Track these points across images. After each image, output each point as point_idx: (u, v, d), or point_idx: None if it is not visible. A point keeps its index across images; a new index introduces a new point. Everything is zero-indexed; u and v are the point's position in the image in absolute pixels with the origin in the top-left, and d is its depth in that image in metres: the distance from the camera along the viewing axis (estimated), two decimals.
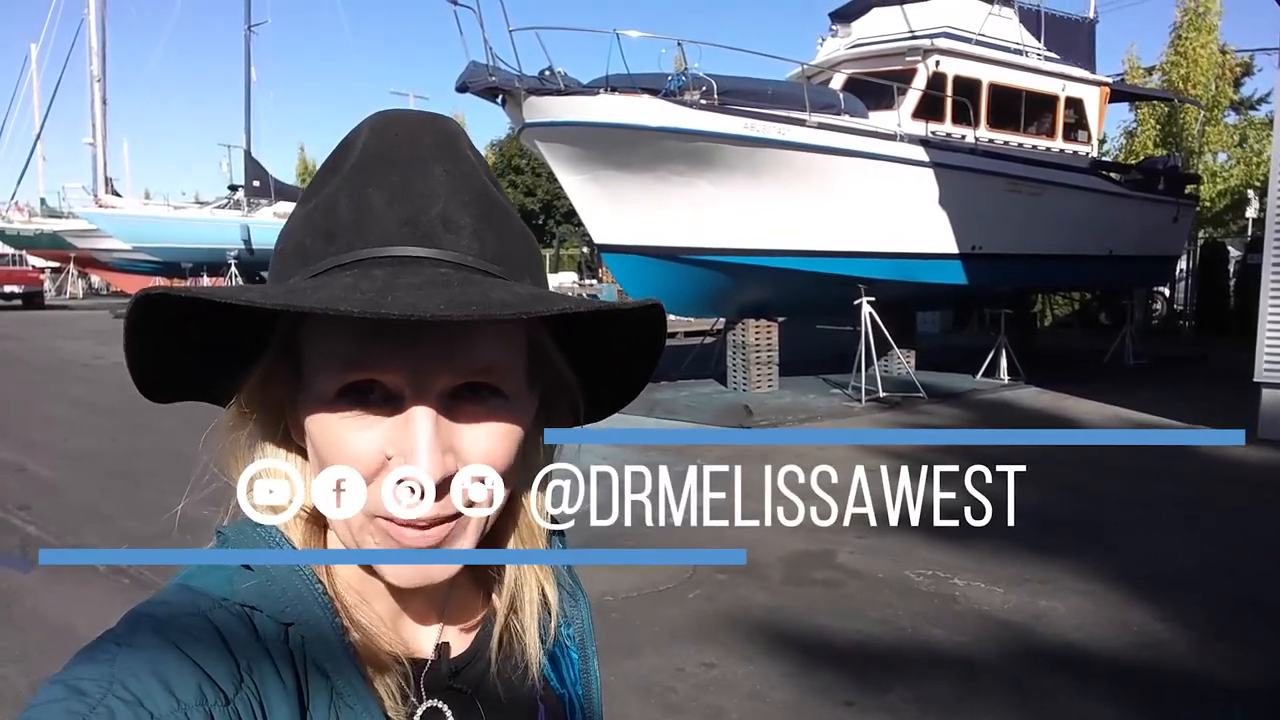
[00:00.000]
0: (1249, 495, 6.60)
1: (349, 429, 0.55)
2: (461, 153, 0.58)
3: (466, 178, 0.58)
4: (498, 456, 0.57)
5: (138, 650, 0.49)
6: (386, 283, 0.51)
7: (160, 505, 6.18)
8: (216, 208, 33.22)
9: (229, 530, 0.60)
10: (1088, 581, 4.73)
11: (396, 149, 0.57)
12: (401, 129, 0.58)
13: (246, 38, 33.70)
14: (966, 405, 10.91)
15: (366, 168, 0.56)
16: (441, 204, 0.56)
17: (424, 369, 0.54)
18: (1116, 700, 3.48)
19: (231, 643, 0.52)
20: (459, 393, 0.56)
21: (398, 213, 0.55)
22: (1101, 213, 13.98)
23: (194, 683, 0.49)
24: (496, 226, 0.58)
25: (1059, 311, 22.97)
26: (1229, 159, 22.40)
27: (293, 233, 0.58)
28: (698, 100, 10.11)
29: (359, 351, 0.54)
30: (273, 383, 0.60)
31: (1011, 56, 13.40)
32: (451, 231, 0.55)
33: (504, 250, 0.58)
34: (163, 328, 0.55)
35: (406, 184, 0.56)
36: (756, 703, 3.48)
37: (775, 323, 11.97)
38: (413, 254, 0.54)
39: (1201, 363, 15.00)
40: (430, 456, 0.53)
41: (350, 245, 0.55)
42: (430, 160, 0.57)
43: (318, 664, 0.55)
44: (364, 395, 0.55)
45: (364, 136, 0.58)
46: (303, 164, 48.39)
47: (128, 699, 0.46)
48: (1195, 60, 21.27)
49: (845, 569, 5.01)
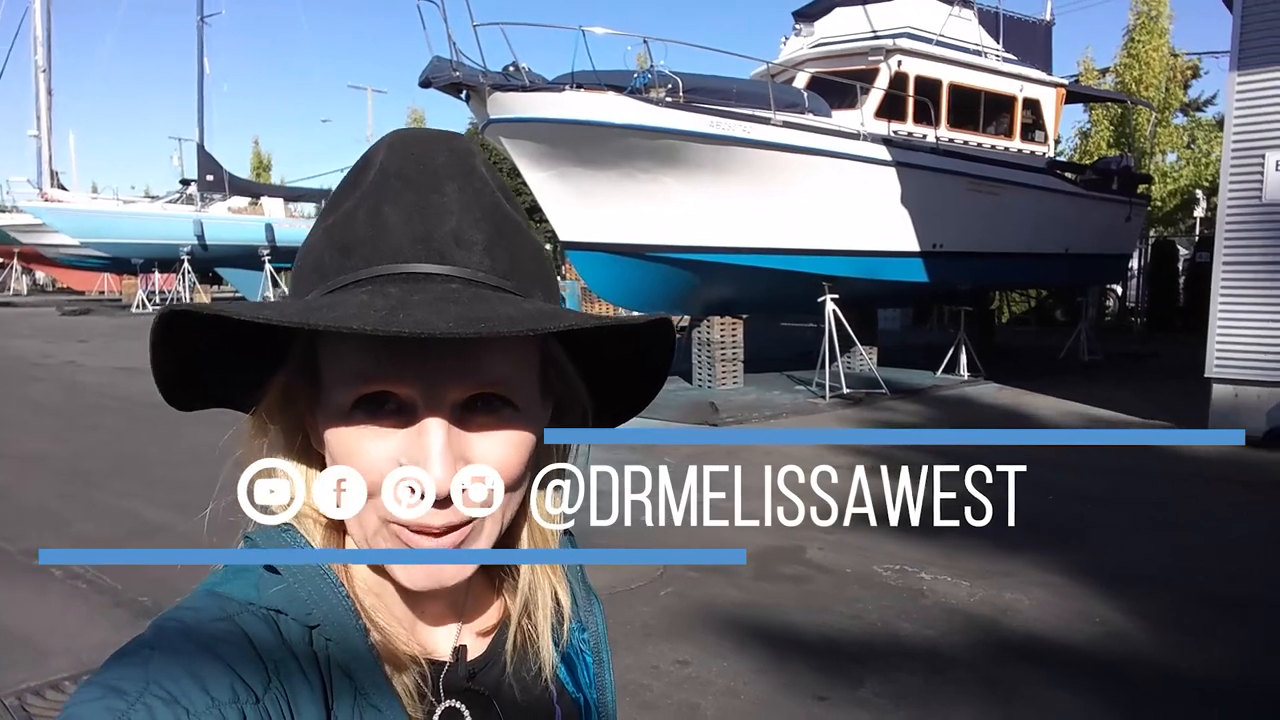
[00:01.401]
0: (1206, 490, 6.77)
1: (364, 439, 0.57)
2: (474, 170, 0.60)
3: (479, 194, 0.59)
4: (509, 465, 0.59)
5: (171, 652, 0.52)
6: (400, 300, 0.53)
7: (116, 509, 6.07)
8: (168, 202, 32.44)
9: (256, 535, 0.61)
10: (1052, 575, 4.81)
11: (412, 167, 0.59)
12: (417, 148, 0.60)
13: (199, 29, 33.04)
14: (928, 401, 11.07)
15: (383, 185, 0.58)
16: (454, 221, 0.57)
17: (436, 382, 0.56)
18: (1081, 689, 3.55)
19: (259, 645, 0.54)
20: (471, 403, 0.58)
21: (412, 230, 0.57)
22: (1058, 212, 14.27)
23: (227, 681, 0.51)
24: (507, 242, 0.60)
25: (1016, 309, 23.39)
26: (1178, 159, 22.99)
27: (311, 249, 0.60)
28: (664, 98, 10.11)
29: (374, 365, 0.56)
30: (293, 395, 0.63)
31: (971, 57, 13.60)
32: (463, 248, 0.57)
33: (514, 266, 0.60)
34: (186, 342, 0.58)
35: (421, 201, 0.58)
36: (730, 699, 3.49)
37: (740, 320, 12.04)
38: (425, 270, 0.56)
39: (1153, 359, 15.38)
40: (443, 465, 0.55)
41: (367, 261, 0.57)
42: (444, 178, 0.58)
43: (342, 665, 0.57)
44: (379, 406, 0.57)
45: (382, 154, 0.60)
46: (257, 158, 47.52)
47: (164, 698, 0.49)
48: (1147, 63, 21.79)
49: (814, 565, 5.05)
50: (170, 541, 5.32)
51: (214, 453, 0.64)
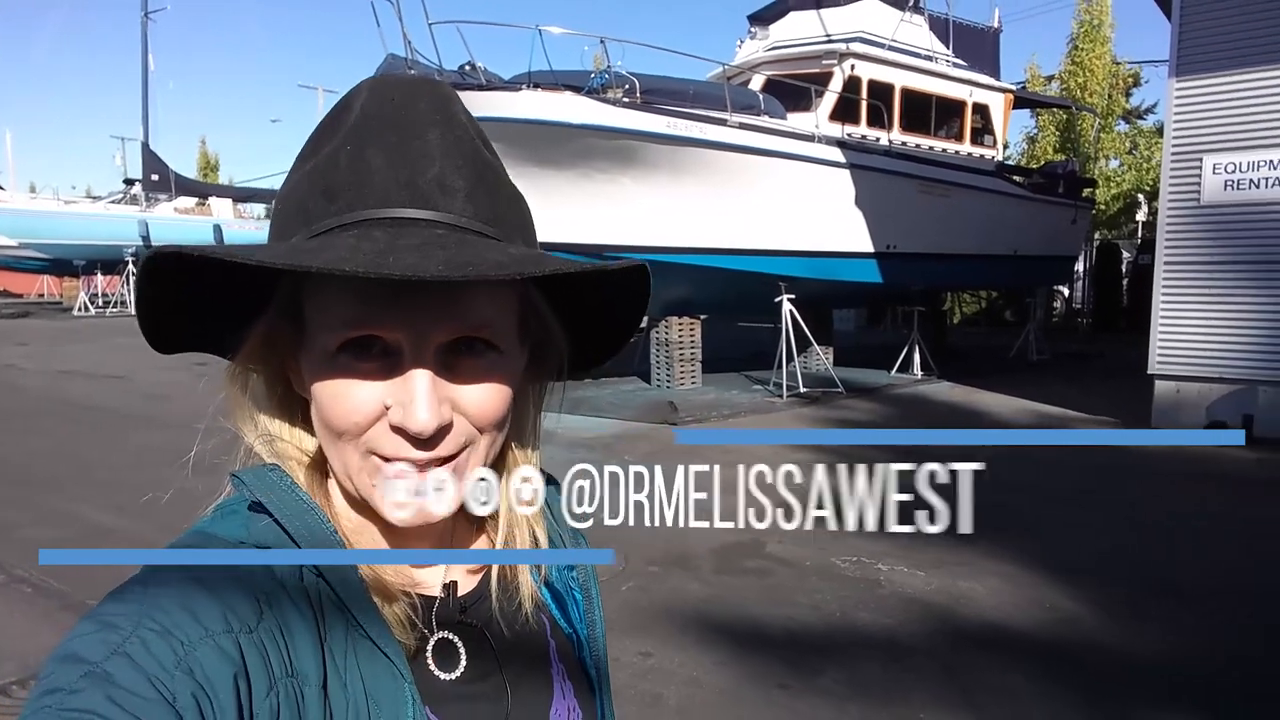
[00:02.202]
0: (1151, 482, 6.97)
1: (350, 382, 0.58)
2: (455, 116, 0.61)
3: (460, 141, 0.60)
4: (492, 407, 0.60)
5: (163, 588, 0.52)
6: (387, 244, 0.54)
7: (64, 512, 5.89)
8: (111, 202, 31.57)
9: (245, 474, 0.61)
10: (1005, 564, 4.92)
11: (394, 111, 0.59)
12: (398, 92, 0.60)
13: (143, 24, 32.26)
14: (883, 399, 11.23)
15: (365, 128, 0.58)
16: (437, 167, 0.58)
17: (422, 325, 0.57)
18: (1035, 674, 3.63)
19: (250, 579, 0.55)
20: (455, 347, 0.59)
21: (396, 174, 0.57)
22: (1007, 214, 14.59)
23: (219, 612, 0.52)
24: (489, 189, 0.61)
25: (967, 310, 23.86)
26: (1121, 165, 23.67)
27: (293, 191, 0.60)
28: (621, 98, 10.13)
29: (360, 309, 0.57)
30: (275, 340, 0.63)
31: (922, 62, 13.86)
32: (447, 194, 0.58)
33: (497, 212, 0.61)
34: (172, 285, 0.58)
35: (404, 146, 0.58)
36: (693, 689, 3.51)
37: (698, 320, 12.10)
38: (410, 215, 0.57)
39: (1098, 358, 15.79)
40: (428, 406, 0.56)
41: (351, 205, 0.57)
42: (426, 124, 0.59)
43: (333, 598, 0.57)
44: (364, 350, 0.57)
45: (362, 98, 0.60)
46: (204, 158, 46.37)
47: (158, 630, 0.49)
48: (1091, 70, 22.43)
49: (774, 558, 5.09)
50: (118, 544, 5.19)
51: (158, 455, 0.64)
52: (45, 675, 0.48)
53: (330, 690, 0.55)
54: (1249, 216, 8.67)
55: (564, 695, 0.70)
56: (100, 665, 0.47)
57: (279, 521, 0.58)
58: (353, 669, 0.57)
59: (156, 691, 0.47)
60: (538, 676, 0.69)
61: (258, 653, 0.52)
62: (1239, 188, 8.67)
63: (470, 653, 0.65)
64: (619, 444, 8.38)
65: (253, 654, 0.52)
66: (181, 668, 0.48)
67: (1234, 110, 8.68)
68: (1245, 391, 8.72)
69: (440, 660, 0.63)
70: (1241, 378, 8.74)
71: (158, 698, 0.47)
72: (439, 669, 0.63)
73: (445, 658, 0.64)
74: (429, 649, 0.63)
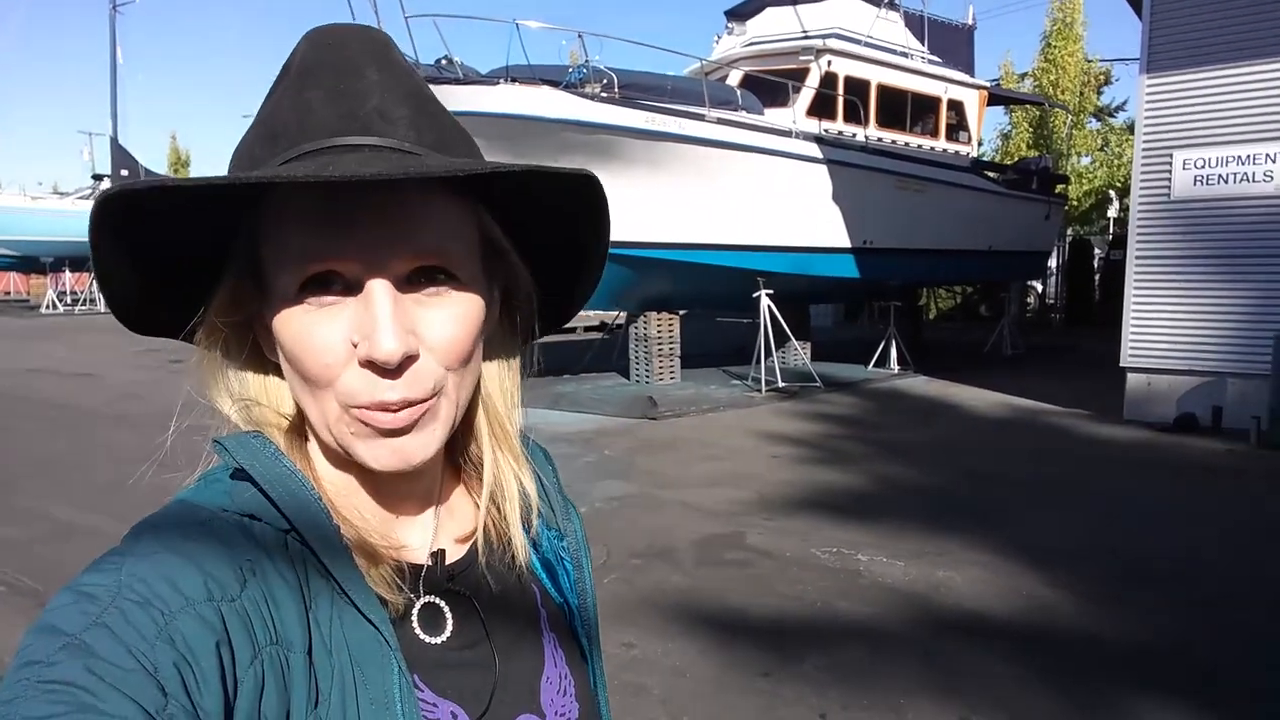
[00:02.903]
0: (1122, 471, 7.08)
1: (314, 322, 0.57)
2: (392, 58, 0.61)
3: (398, 77, 0.61)
4: (457, 337, 0.60)
5: (143, 557, 0.51)
6: (329, 161, 0.55)
7: (33, 511, 5.81)
8: (79, 198, 31.05)
9: (227, 440, 0.60)
10: (982, 553, 4.98)
11: (331, 55, 0.59)
12: (334, 38, 0.61)
13: (112, 17, 31.72)
14: (861, 393, 11.31)
15: (304, 73, 0.59)
16: (377, 98, 0.58)
17: (377, 253, 0.56)
18: (1013, 658, 3.68)
19: (232, 547, 0.54)
20: (414, 278, 0.58)
21: (336, 108, 0.58)
22: (982, 210, 14.73)
23: (200, 581, 0.51)
24: (432, 118, 0.61)
25: (943, 305, 24.07)
26: (1093, 161, 23.97)
27: (244, 143, 0.61)
28: (599, 93, 10.11)
29: (314, 242, 0.56)
30: (240, 297, 0.62)
31: (898, 59, 13.95)
32: (388, 122, 0.58)
33: (441, 139, 0.61)
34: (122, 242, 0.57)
35: (343, 84, 0.58)
36: (677, 678, 3.52)
37: (677, 315, 12.12)
38: (352, 142, 0.57)
39: (1072, 351, 16.00)
40: (392, 330, 0.55)
41: (294, 142, 0.57)
42: (364, 64, 0.59)
43: (317, 565, 0.57)
44: (325, 287, 0.57)
45: (300, 50, 0.61)
46: (174, 153, 45.65)
47: (138, 600, 0.48)
48: (1064, 67, 22.68)
49: (755, 549, 5.12)
50: (91, 542, 5.12)
51: (129, 453, 0.63)
52: (23, 647, 0.47)
53: (316, 657, 0.55)
54: (1218, 211, 8.81)
55: (555, 664, 0.69)
56: (79, 636, 0.46)
57: (261, 488, 0.57)
58: (338, 636, 0.56)
59: (137, 662, 0.46)
60: (529, 645, 0.68)
61: (240, 621, 0.51)
62: (1208, 183, 8.82)
63: (458, 618, 0.64)
64: (599, 439, 8.38)
65: (235, 623, 0.51)
66: (162, 638, 0.48)
67: (1203, 106, 8.82)
68: (1214, 383, 8.87)
69: (426, 624, 0.63)
70: (1211, 370, 8.89)
71: (138, 668, 0.46)
72: (425, 633, 0.62)
73: (431, 621, 0.63)
74: (414, 613, 0.62)
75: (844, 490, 6.41)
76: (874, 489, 6.48)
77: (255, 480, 0.57)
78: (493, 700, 0.63)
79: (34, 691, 0.44)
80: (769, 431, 8.66)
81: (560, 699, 0.69)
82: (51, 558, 4.91)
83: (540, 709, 0.67)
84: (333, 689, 0.54)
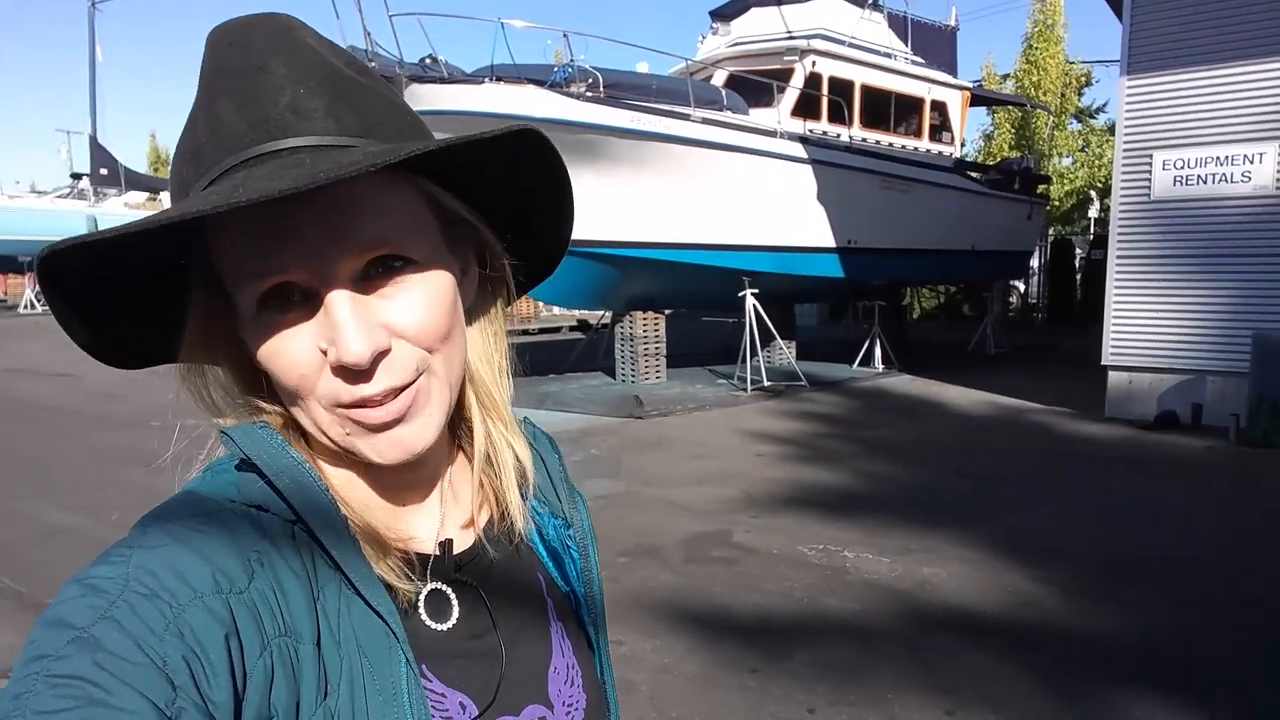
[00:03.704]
0: (1105, 468, 7.14)
1: (281, 337, 0.56)
2: (299, 42, 0.58)
3: (309, 64, 0.57)
4: (428, 319, 0.58)
5: (151, 550, 0.51)
6: (243, 180, 0.52)
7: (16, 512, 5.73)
8: (57, 197, 30.72)
9: (233, 431, 0.59)
10: (967, 550, 5.02)
11: (233, 56, 0.57)
12: (235, 35, 0.57)
13: (91, 14, 31.43)
14: (846, 392, 11.36)
15: (212, 81, 0.57)
16: (288, 95, 0.56)
17: (323, 258, 0.55)
18: (999, 654, 3.71)
19: (240, 538, 0.54)
20: (370, 271, 0.57)
21: (247, 115, 0.55)
22: (965, 210, 14.83)
23: (208, 573, 0.51)
24: (353, 102, 0.58)
25: (926, 304, 24.20)
26: (1074, 162, 24.18)
27: (174, 163, 0.59)
28: (584, 93, 10.10)
29: (257, 259, 0.55)
30: (212, 323, 0.61)
31: (881, 59, 14.01)
32: (303, 117, 0.55)
33: (367, 124, 0.58)
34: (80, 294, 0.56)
35: (249, 86, 0.56)
36: (665, 675, 3.53)
37: (662, 315, 12.13)
38: (269, 149, 0.55)
39: (1053, 350, 16.13)
40: (356, 333, 0.55)
41: (215, 160, 0.55)
42: (268, 59, 0.56)
43: (325, 556, 0.56)
44: (285, 301, 0.56)
45: (206, 55, 0.58)
46: (154, 152, 45.29)
47: (145, 593, 0.49)
48: (1045, 69, 22.86)
49: (742, 547, 5.13)
50: (75, 543, 5.07)
51: (112, 454, 0.62)
52: (32, 641, 0.47)
53: (324, 648, 0.54)
54: (1197, 211, 8.90)
55: (563, 654, 0.69)
56: (87, 630, 0.46)
57: (268, 479, 0.57)
58: (346, 627, 0.56)
59: (145, 656, 0.46)
60: (535, 635, 0.68)
61: (249, 613, 0.51)
62: (1188, 183, 8.91)
63: (464, 607, 0.64)
64: (585, 438, 8.37)
65: (244, 615, 0.51)
66: (171, 631, 0.48)
67: (1183, 108, 8.91)
68: (1194, 381, 8.97)
69: (433, 611, 0.62)
70: (1191, 368, 8.99)
71: (147, 662, 0.46)
72: (432, 620, 0.62)
73: (438, 608, 0.63)
74: (421, 600, 0.62)
75: (830, 488, 6.44)
76: (860, 487, 6.52)
77: (261, 471, 0.57)
78: (499, 691, 0.63)
79: (43, 686, 0.44)
80: (755, 430, 8.68)
81: (568, 689, 0.68)
82: (34, 559, 4.86)
83: (548, 700, 0.67)
84: (341, 680, 0.54)
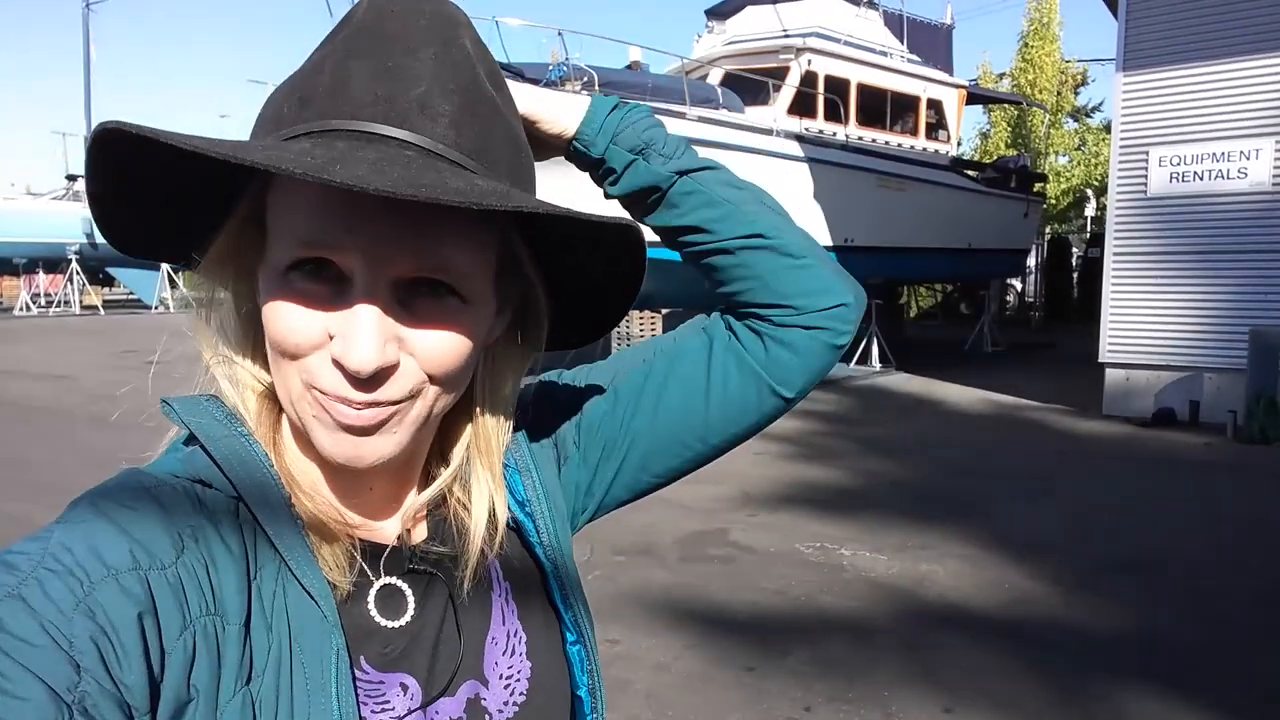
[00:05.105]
0: (1101, 465, 7.14)
1: (296, 303, 0.54)
2: (456, 39, 0.56)
3: (457, 65, 0.55)
4: (447, 356, 0.56)
5: (73, 525, 0.50)
6: (343, 154, 0.49)
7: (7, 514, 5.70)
8: (53, 199, 30.62)
9: (176, 401, 0.58)
10: (964, 547, 5.00)
11: (390, 24, 0.55)
12: (399, 5, 0.56)
13: (85, 15, 31.32)
14: (844, 391, 11.35)
15: (355, 39, 0.55)
16: (424, 87, 0.53)
17: (378, 254, 0.53)
18: (996, 650, 3.70)
19: (172, 512, 0.52)
20: (414, 287, 0.54)
21: (376, 88, 0.53)
22: (962, 208, 14.82)
23: (125, 548, 0.49)
24: (480, 120, 0.56)
25: (923, 303, 24.19)
26: (1070, 160, 24.20)
27: (274, 99, 0.57)
28: (579, 91, 10.08)
29: (316, 226, 0.52)
30: (241, 248, 0.59)
31: (877, 58, 14.01)
32: (428, 116, 0.53)
33: (483, 146, 0.56)
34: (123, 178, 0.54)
35: (392, 61, 0.54)
36: (661, 674, 3.51)
37: (659, 314, 12.11)
38: (381, 132, 0.52)
39: (1051, 348, 16.12)
40: (371, 342, 0.52)
41: (323, 114, 0.53)
42: (421, 42, 0.54)
43: (265, 535, 0.55)
44: (317, 272, 0.53)
45: (362, 8, 0.56)
46: None
47: (57, 569, 0.47)
48: (1041, 67, 22.89)
49: (738, 545, 5.11)
50: None
51: (106, 456, 0.61)
52: None
53: (254, 630, 0.52)
54: (1193, 208, 8.90)
55: (503, 620, 0.66)
56: None
57: (209, 452, 0.55)
58: (280, 610, 0.54)
59: (49, 637, 0.44)
60: (476, 604, 0.65)
61: (171, 590, 0.49)
62: (1184, 180, 8.91)
63: (420, 600, 0.62)
64: None
65: (164, 592, 0.49)
66: (80, 610, 0.45)
67: (1179, 105, 8.91)
68: (1191, 378, 8.96)
69: (385, 608, 0.60)
70: (1188, 365, 8.98)
71: (50, 644, 0.44)
72: (383, 617, 0.60)
73: (391, 605, 0.61)
74: (371, 595, 0.60)
75: (827, 486, 6.42)
76: (856, 484, 6.50)
77: (201, 442, 0.55)
78: (436, 672, 0.61)
79: None
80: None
81: (506, 660, 0.66)
82: None
83: (483, 675, 0.64)
84: (268, 664, 0.52)
